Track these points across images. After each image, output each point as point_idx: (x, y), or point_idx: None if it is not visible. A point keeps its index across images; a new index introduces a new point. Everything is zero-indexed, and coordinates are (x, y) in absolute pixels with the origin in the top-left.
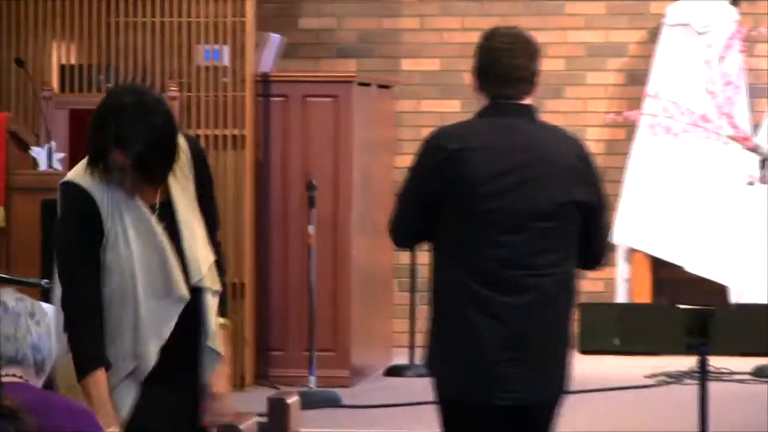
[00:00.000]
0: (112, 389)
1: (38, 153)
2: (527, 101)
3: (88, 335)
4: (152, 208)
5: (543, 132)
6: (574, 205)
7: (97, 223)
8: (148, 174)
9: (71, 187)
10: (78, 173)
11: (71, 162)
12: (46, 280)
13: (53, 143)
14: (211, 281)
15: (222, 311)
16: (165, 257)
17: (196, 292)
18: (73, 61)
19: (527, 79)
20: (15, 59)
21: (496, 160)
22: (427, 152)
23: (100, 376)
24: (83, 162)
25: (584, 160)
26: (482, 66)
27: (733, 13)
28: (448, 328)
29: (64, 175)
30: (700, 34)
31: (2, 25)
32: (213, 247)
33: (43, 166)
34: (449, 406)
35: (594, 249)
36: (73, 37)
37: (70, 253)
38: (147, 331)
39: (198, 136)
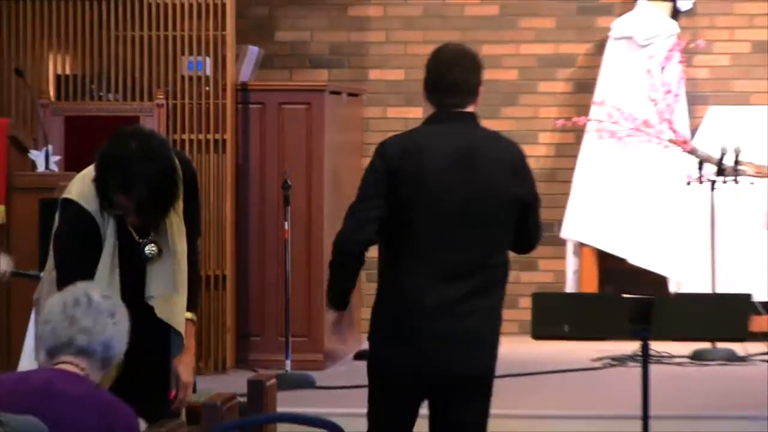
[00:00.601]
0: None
1: (36, 156)
2: (469, 109)
3: None
4: (144, 232)
5: (483, 136)
6: (511, 200)
7: (97, 242)
8: (148, 216)
9: (76, 209)
10: (83, 194)
11: (66, 164)
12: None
13: (50, 147)
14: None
15: (193, 303)
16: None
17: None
18: (68, 71)
19: (469, 91)
20: (15, 69)
21: (441, 161)
22: (378, 159)
23: None
24: (85, 180)
25: (520, 161)
26: (430, 78)
27: (673, 27)
28: (393, 309)
29: (60, 176)
30: (642, 46)
31: (2, 38)
32: (192, 250)
33: (41, 167)
34: (384, 374)
35: (528, 236)
36: (68, 49)
37: (70, 267)
38: None
39: (183, 140)
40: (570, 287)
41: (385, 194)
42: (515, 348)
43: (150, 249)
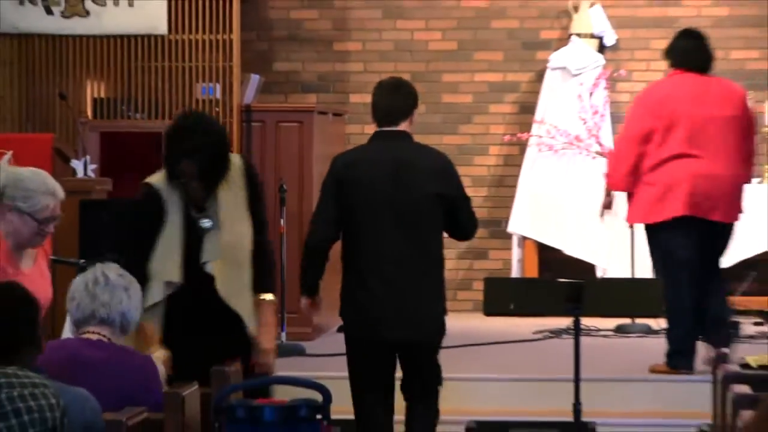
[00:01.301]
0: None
1: (77, 164)
2: (402, 128)
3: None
4: (200, 208)
5: (412, 149)
6: (434, 198)
7: (159, 215)
8: (208, 179)
9: (147, 187)
10: (156, 178)
11: (101, 171)
12: (82, 260)
13: (88, 157)
14: (222, 264)
15: (268, 286)
16: (175, 245)
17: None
18: (102, 95)
19: (401, 114)
20: (59, 94)
21: (376, 170)
22: (328, 172)
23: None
24: (162, 171)
25: (444, 167)
26: (373, 105)
27: (600, 59)
28: (353, 290)
29: (96, 181)
30: (574, 75)
31: (49, 67)
32: (259, 240)
33: (80, 174)
34: (354, 341)
35: (463, 227)
36: (102, 77)
37: (132, 231)
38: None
39: None
40: (515, 273)
41: (337, 199)
42: (470, 323)
43: (204, 222)
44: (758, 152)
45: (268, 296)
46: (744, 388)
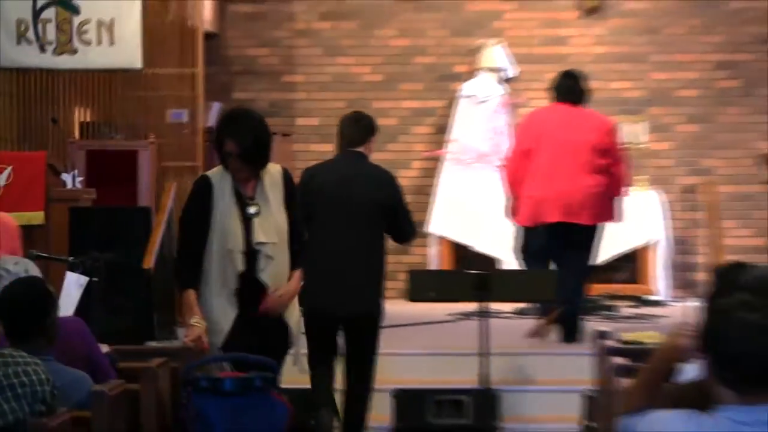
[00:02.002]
0: (212, 305)
1: (66, 177)
2: (360, 150)
3: (186, 267)
4: (249, 198)
5: (363, 165)
6: (377, 205)
7: (208, 201)
8: (251, 160)
9: (202, 178)
10: (211, 171)
11: (87, 183)
12: (71, 257)
13: (76, 171)
14: (268, 247)
15: (295, 266)
16: (234, 226)
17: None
18: (88, 119)
19: (360, 141)
20: (51, 118)
21: (336, 179)
22: (300, 182)
23: (190, 291)
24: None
25: (387, 180)
26: (339, 131)
27: (502, 89)
28: (313, 276)
29: (83, 191)
30: (481, 102)
31: (42, 97)
32: (295, 230)
33: (69, 185)
34: (311, 318)
35: (402, 230)
36: (88, 104)
37: (187, 217)
38: (226, 269)
39: (168, 166)
40: (433, 266)
41: (305, 203)
42: (396, 308)
43: (252, 209)
44: (634, 166)
45: (296, 272)
46: (621, 360)
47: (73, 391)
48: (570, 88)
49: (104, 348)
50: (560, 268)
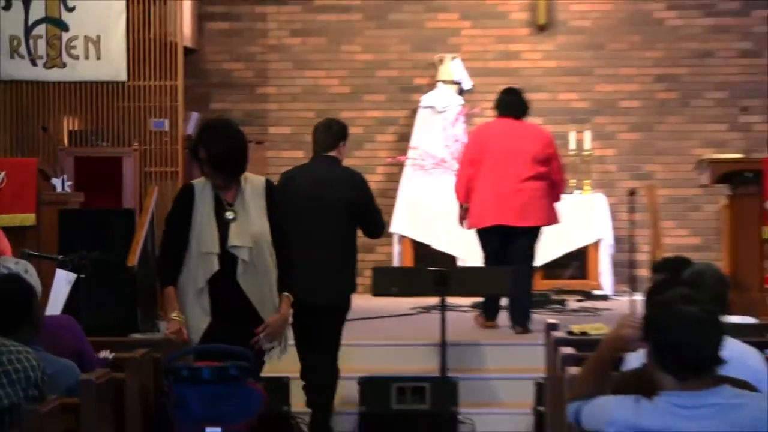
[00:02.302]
0: (188, 304)
1: (56, 182)
2: (332, 154)
3: (166, 266)
4: (228, 204)
5: (338, 168)
6: (347, 203)
7: (189, 206)
8: (222, 169)
9: (187, 184)
10: (197, 179)
11: (75, 187)
12: (61, 256)
13: (65, 176)
14: (244, 251)
15: (286, 285)
16: (210, 229)
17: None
18: (76, 128)
19: (331, 146)
20: (42, 127)
21: (310, 181)
22: (278, 184)
23: (170, 288)
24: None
25: (357, 181)
26: (313, 137)
27: (459, 99)
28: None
29: (72, 194)
30: (440, 112)
31: (34, 107)
32: (281, 245)
33: (59, 189)
34: (298, 306)
35: (372, 226)
36: (76, 114)
37: (169, 220)
38: (199, 270)
39: (151, 171)
40: (396, 264)
41: (287, 202)
42: (362, 302)
43: (229, 214)
44: (578, 171)
45: (286, 294)
46: (569, 350)
47: (61, 378)
48: (511, 103)
49: (105, 353)
50: (510, 265)
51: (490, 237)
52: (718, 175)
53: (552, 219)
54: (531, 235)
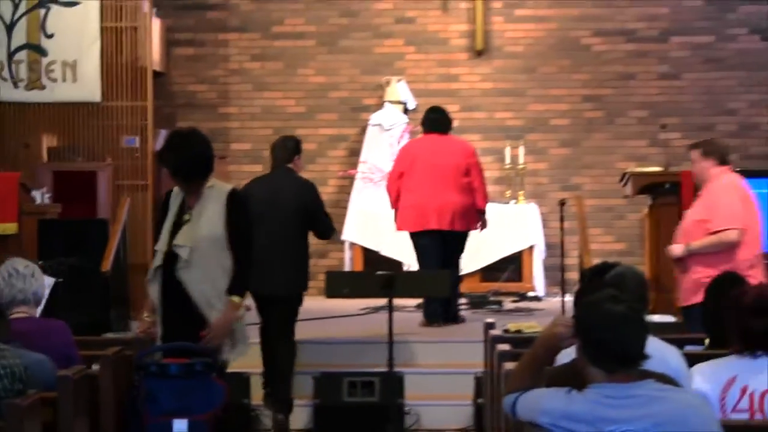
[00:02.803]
0: (153, 300)
1: (36, 194)
2: (289, 166)
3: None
4: (189, 207)
5: (293, 179)
6: (300, 208)
7: (166, 207)
8: (179, 177)
9: (168, 191)
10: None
11: (54, 199)
12: (40, 261)
13: (44, 189)
14: (185, 250)
15: (232, 290)
16: (166, 229)
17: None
18: (55, 144)
19: (286, 160)
20: (23, 144)
21: (267, 189)
22: (242, 191)
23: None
24: None
25: (309, 190)
26: (271, 152)
27: (405, 118)
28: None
29: (50, 206)
30: (387, 129)
31: (16, 126)
32: (235, 251)
33: (38, 201)
34: (255, 298)
35: (323, 229)
36: (55, 132)
37: (155, 222)
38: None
39: (123, 185)
40: (347, 268)
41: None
42: (316, 303)
43: (186, 216)
44: (513, 184)
45: (233, 297)
46: (506, 347)
47: (35, 371)
48: (436, 120)
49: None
50: (441, 265)
51: (421, 240)
52: (640, 186)
53: (473, 225)
54: (459, 239)
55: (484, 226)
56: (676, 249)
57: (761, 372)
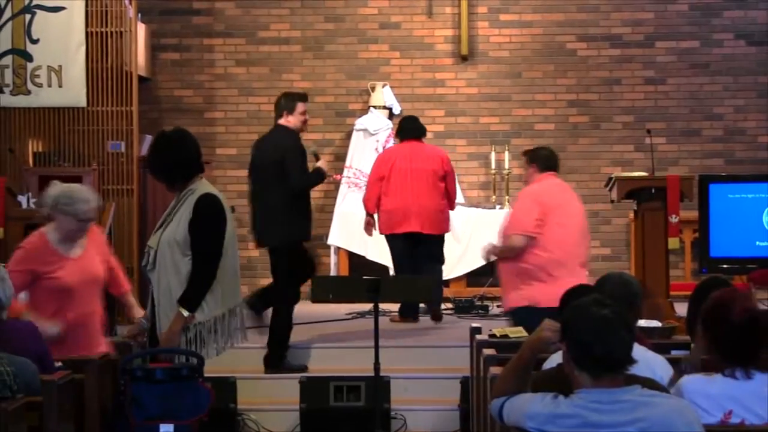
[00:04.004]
0: None
1: (22, 199)
2: (280, 122)
3: None
4: (174, 208)
5: (275, 134)
6: (279, 162)
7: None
8: (154, 175)
9: None
10: None
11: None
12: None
13: (29, 194)
14: (152, 252)
15: (184, 300)
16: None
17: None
18: (41, 149)
19: (277, 116)
20: (9, 149)
21: (257, 148)
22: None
23: None
24: None
25: (286, 140)
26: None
27: (389, 123)
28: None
29: (38, 211)
30: (372, 134)
31: (1, 130)
32: (193, 258)
33: (24, 206)
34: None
35: (290, 181)
36: (40, 137)
37: None
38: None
39: (109, 189)
40: (333, 273)
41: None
42: (302, 307)
43: (168, 218)
44: (498, 188)
45: (181, 309)
46: (491, 351)
47: (20, 375)
48: (413, 129)
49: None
50: (419, 266)
51: (397, 242)
52: (626, 191)
53: (446, 227)
54: (435, 240)
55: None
56: (482, 252)
57: (760, 400)
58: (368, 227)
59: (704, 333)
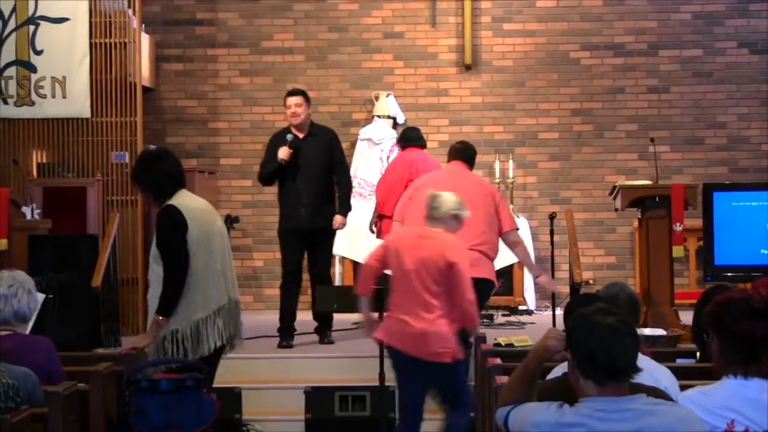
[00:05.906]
0: None
1: (26, 210)
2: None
3: None
4: None
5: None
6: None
7: None
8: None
9: None
10: None
11: (44, 215)
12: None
13: (33, 205)
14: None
15: (159, 308)
16: None
17: None
18: (44, 160)
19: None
20: (12, 160)
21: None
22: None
23: None
24: None
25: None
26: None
27: (394, 133)
28: None
29: (40, 221)
30: (376, 144)
31: (5, 142)
32: (163, 268)
33: (28, 217)
34: None
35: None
36: (44, 148)
37: None
38: None
39: (112, 200)
40: (338, 283)
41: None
42: (306, 318)
43: None
44: (503, 198)
45: (156, 315)
46: (497, 360)
47: (21, 385)
48: (415, 137)
49: None
50: None
51: None
52: (630, 200)
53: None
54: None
55: None
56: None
57: (760, 407)
58: (374, 226)
59: (711, 335)
